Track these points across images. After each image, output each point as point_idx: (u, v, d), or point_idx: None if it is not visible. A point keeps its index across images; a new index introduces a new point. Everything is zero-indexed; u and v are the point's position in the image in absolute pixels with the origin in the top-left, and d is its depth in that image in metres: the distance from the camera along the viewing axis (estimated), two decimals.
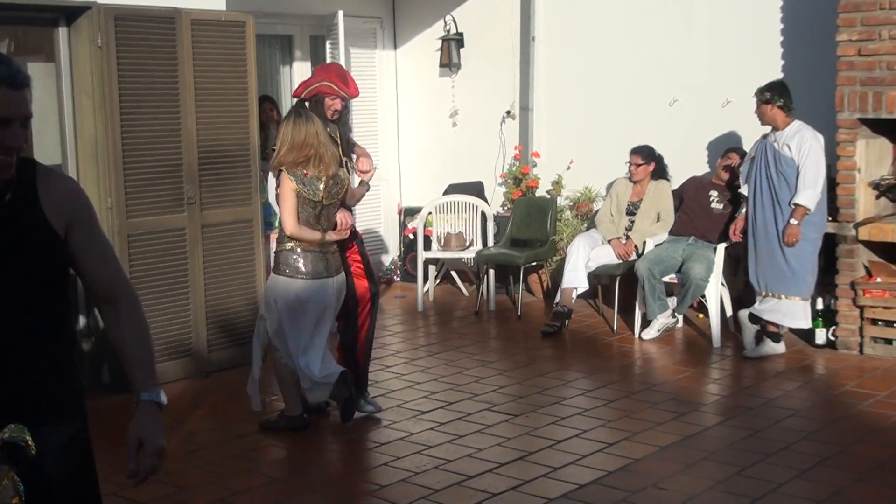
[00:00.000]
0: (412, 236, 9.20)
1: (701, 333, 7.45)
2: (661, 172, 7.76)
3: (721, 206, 7.42)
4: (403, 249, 9.60)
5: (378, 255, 9.65)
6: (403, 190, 10.00)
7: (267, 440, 5.43)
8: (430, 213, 8.93)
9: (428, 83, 9.71)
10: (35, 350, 2.38)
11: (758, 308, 6.80)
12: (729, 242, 7.18)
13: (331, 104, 5.71)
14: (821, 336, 6.90)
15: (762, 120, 6.78)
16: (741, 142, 7.67)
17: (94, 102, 6.07)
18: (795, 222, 6.54)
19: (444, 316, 8.46)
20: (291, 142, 5.26)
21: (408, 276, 9.46)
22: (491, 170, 9.34)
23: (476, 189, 9.16)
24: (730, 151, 7.51)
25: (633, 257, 7.53)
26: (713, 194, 7.46)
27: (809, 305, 6.75)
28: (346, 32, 8.70)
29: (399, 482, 4.81)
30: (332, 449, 5.42)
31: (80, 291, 5.89)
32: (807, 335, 7.01)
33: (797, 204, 6.52)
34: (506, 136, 9.26)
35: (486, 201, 9.02)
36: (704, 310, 7.52)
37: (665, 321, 7.34)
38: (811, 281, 6.70)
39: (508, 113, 9.22)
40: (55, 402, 2.42)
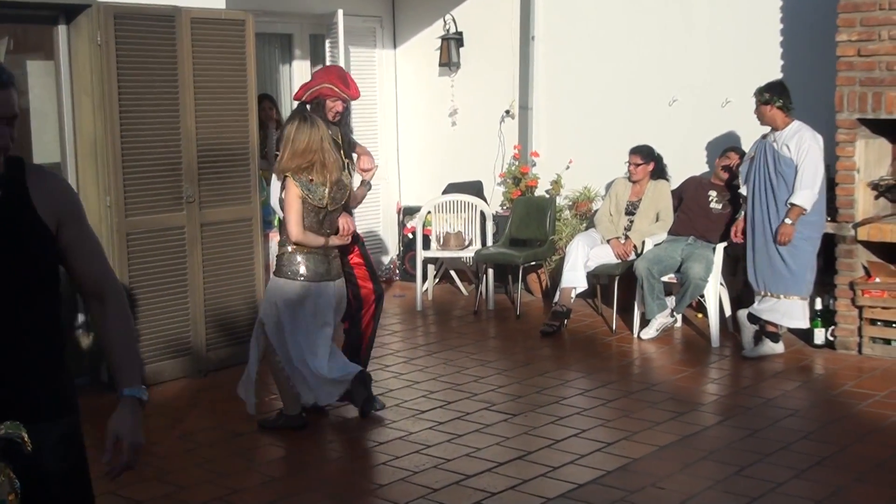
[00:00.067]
0: (411, 235, 9.20)
1: (700, 333, 7.45)
2: (661, 172, 7.76)
3: (720, 206, 7.42)
4: (402, 248, 9.60)
5: (377, 255, 9.64)
6: (402, 189, 10.00)
7: (266, 439, 5.43)
8: (430, 213, 8.93)
9: (427, 82, 9.71)
10: (29, 347, 2.38)
11: (757, 308, 6.80)
12: (729, 242, 7.18)
13: (332, 106, 5.71)
14: (819, 336, 6.90)
15: (761, 120, 6.78)
16: (740, 142, 7.67)
17: (94, 101, 6.07)
18: (790, 222, 6.54)
19: (443, 315, 8.46)
20: (295, 147, 5.23)
21: (407, 276, 9.46)
22: (490, 169, 9.35)
23: (475, 188, 9.16)
24: (728, 151, 7.51)
25: (632, 257, 7.53)
26: (712, 194, 7.47)
27: (808, 305, 6.75)
28: (346, 31, 8.71)
29: (398, 481, 4.81)
30: (331, 448, 5.42)
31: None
32: (805, 335, 7.01)
33: (793, 204, 6.52)
34: (505, 136, 9.26)
35: (486, 201, 9.02)
36: (703, 309, 7.52)
37: (664, 321, 7.35)
38: (810, 280, 6.70)
39: (508, 112, 9.22)
40: (49, 399, 2.42)
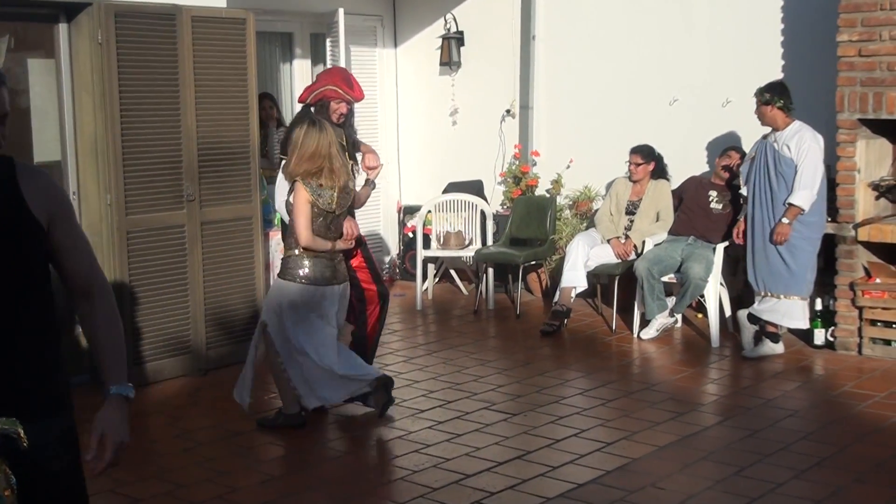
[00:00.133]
0: (411, 235, 9.20)
1: (700, 333, 7.45)
2: (661, 172, 7.76)
3: (720, 206, 7.41)
4: (403, 248, 9.60)
5: (377, 254, 9.64)
6: (403, 188, 10.00)
7: (265, 438, 5.43)
8: (430, 212, 8.93)
9: (428, 81, 9.71)
10: (24, 344, 2.38)
11: (757, 308, 6.80)
12: (730, 243, 7.17)
13: (336, 108, 5.70)
14: (819, 337, 6.90)
15: (762, 120, 6.78)
16: (741, 142, 7.66)
17: (94, 99, 6.07)
18: (787, 221, 6.54)
19: (443, 314, 8.46)
20: (303, 151, 5.21)
21: (407, 275, 9.46)
22: (490, 168, 9.34)
23: (475, 188, 9.16)
24: (729, 150, 7.50)
25: (633, 257, 7.53)
26: (712, 194, 7.46)
27: (808, 306, 6.75)
28: (347, 30, 8.70)
29: (397, 480, 4.82)
30: (331, 447, 5.42)
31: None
32: (805, 336, 7.01)
33: (791, 203, 6.52)
34: (505, 135, 9.26)
35: (486, 200, 9.02)
36: (703, 310, 7.52)
37: (664, 321, 7.34)
38: (810, 281, 6.70)
39: (508, 112, 9.21)
40: (44, 397, 2.42)
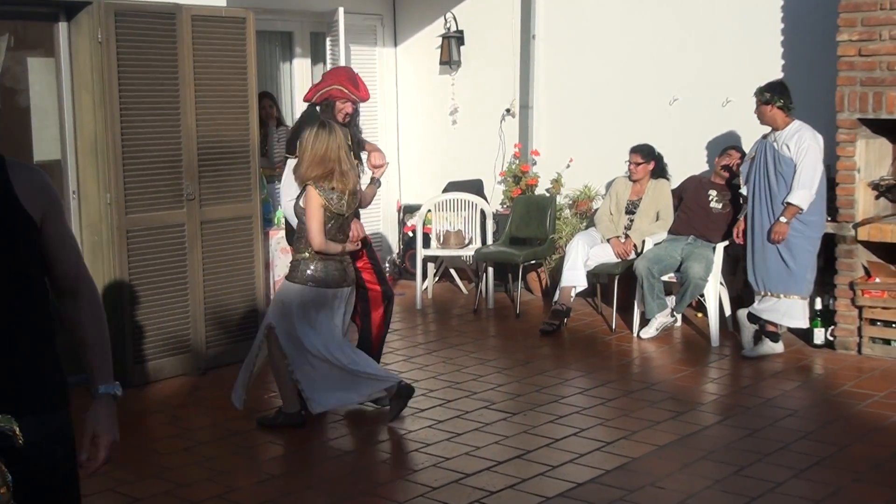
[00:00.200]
0: (411, 234, 9.20)
1: (699, 333, 7.45)
2: (661, 171, 7.76)
3: (720, 206, 7.41)
4: (402, 247, 9.60)
5: (377, 253, 9.64)
6: (403, 187, 10.00)
7: (265, 437, 5.43)
8: (430, 211, 8.93)
9: (428, 81, 9.71)
10: (19, 339, 2.38)
11: (756, 307, 6.80)
12: (730, 242, 7.17)
13: (342, 108, 5.69)
14: (819, 336, 6.90)
15: (762, 120, 6.77)
16: (740, 141, 7.66)
17: (94, 98, 6.07)
18: (785, 220, 6.54)
19: (443, 314, 8.46)
20: (313, 155, 5.20)
21: (406, 274, 9.46)
22: (490, 168, 9.34)
23: (475, 187, 9.16)
24: (729, 149, 7.50)
25: (632, 256, 7.53)
26: (712, 193, 7.46)
27: (808, 305, 6.75)
28: (347, 29, 8.70)
29: (397, 480, 4.82)
30: (330, 446, 5.41)
31: None
32: (805, 335, 7.01)
33: (789, 203, 6.52)
34: (505, 135, 9.26)
35: (486, 199, 9.02)
36: (703, 309, 7.52)
37: (664, 320, 7.34)
38: (810, 280, 6.69)
39: (508, 111, 9.21)
40: (40, 392, 2.42)
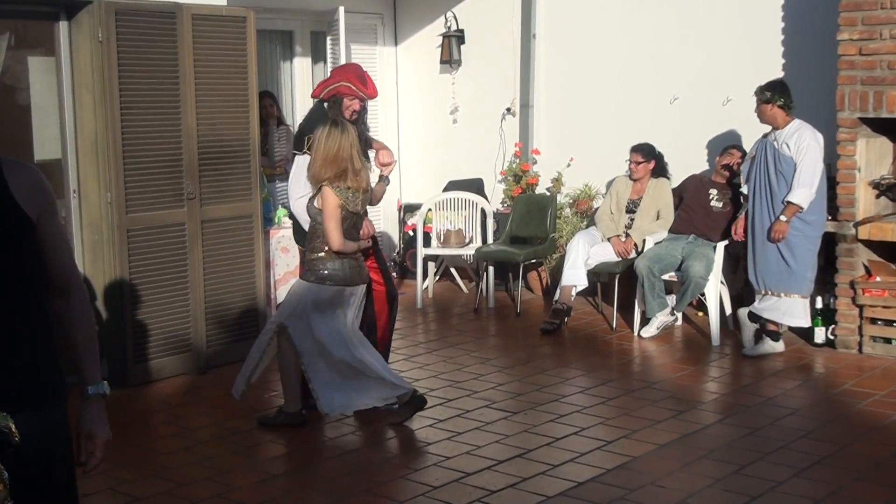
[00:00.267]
0: (412, 233, 9.20)
1: (700, 332, 7.45)
2: (661, 170, 7.76)
3: (720, 205, 7.41)
4: (403, 246, 9.59)
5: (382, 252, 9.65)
6: (403, 186, 10.00)
7: (265, 436, 5.43)
8: (430, 210, 8.93)
9: (428, 80, 9.71)
10: (15, 337, 2.38)
11: (757, 306, 6.79)
12: (730, 241, 7.17)
13: (349, 104, 5.69)
14: (820, 335, 6.89)
15: (762, 119, 6.77)
16: (741, 140, 7.66)
17: (95, 97, 6.07)
18: (784, 219, 6.54)
19: (443, 313, 8.46)
20: (325, 154, 5.18)
21: (407, 273, 9.46)
22: (491, 167, 9.34)
23: (476, 186, 9.16)
24: (730, 148, 7.50)
25: (633, 255, 7.52)
26: (713, 192, 7.46)
27: (809, 304, 6.75)
28: (347, 28, 8.70)
29: (397, 479, 4.82)
30: (330, 445, 5.41)
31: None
32: (806, 334, 7.01)
33: (790, 202, 6.52)
34: (506, 134, 9.26)
35: (486, 198, 9.02)
36: (704, 308, 7.52)
37: (664, 319, 7.34)
38: (810, 279, 6.69)
39: (509, 110, 9.21)
40: (38, 388, 2.42)
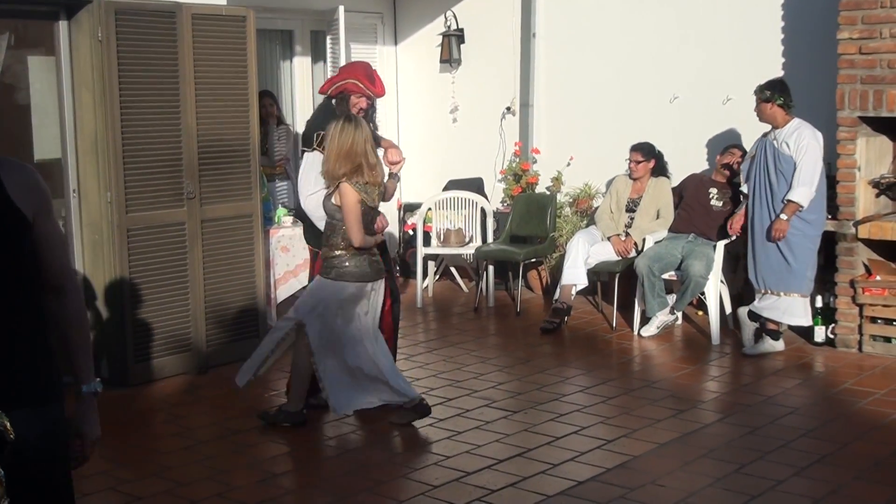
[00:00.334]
0: (412, 232, 9.20)
1: (700, 331, 7.45)
2: (661, 169, 7.76)
3: (721, 204, 7.41)
4: (403, 245, 9.59)
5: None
6: (403, 186, 9.96)
7: (265, 436, 5.42)
8: (430, 209, 8.93)
9: (428, 79, 9.71)
10: (12, 335, 2.38)
11: (757, 305, 6.80)
12: (728, 239, 7.17)
13: (356, 102, 5.69)
14: (820, 334, 6.89)
15: (761, 118, 6.77)
16: (741, 139, 7.66)
17: (95, 97, 6.06)
18: (785, 218, 6.54)
19: (443, 312, 8.46)
20: (339, 150, 5.17)
21: (407, 272, 9.46)
22: (491, 166, 9.34)
23: (476, 185, 9.16)
24: (730, 148, 7.50)
25: (633, 254, 7.53)
26: (713, 191, 7.46)
27: (809, 303, 6.75)
28: (347, 27, 8.70)
29: (397, 478, 4.82)
30: (330, 445, 5.42)
31: (80, 281, 5.89)
32: (806, 333, 7.01)
33: (790, 200, 6.52)
34: (506, 133, 9.26)
35: (486, 197, 9.02)
36: (704, 307, 7.52)
37: (664, 318, 7.34)
38: (810, 278, 6.69)
39: (509, 109, 9.21)
40: (34, 386, 2.42)
